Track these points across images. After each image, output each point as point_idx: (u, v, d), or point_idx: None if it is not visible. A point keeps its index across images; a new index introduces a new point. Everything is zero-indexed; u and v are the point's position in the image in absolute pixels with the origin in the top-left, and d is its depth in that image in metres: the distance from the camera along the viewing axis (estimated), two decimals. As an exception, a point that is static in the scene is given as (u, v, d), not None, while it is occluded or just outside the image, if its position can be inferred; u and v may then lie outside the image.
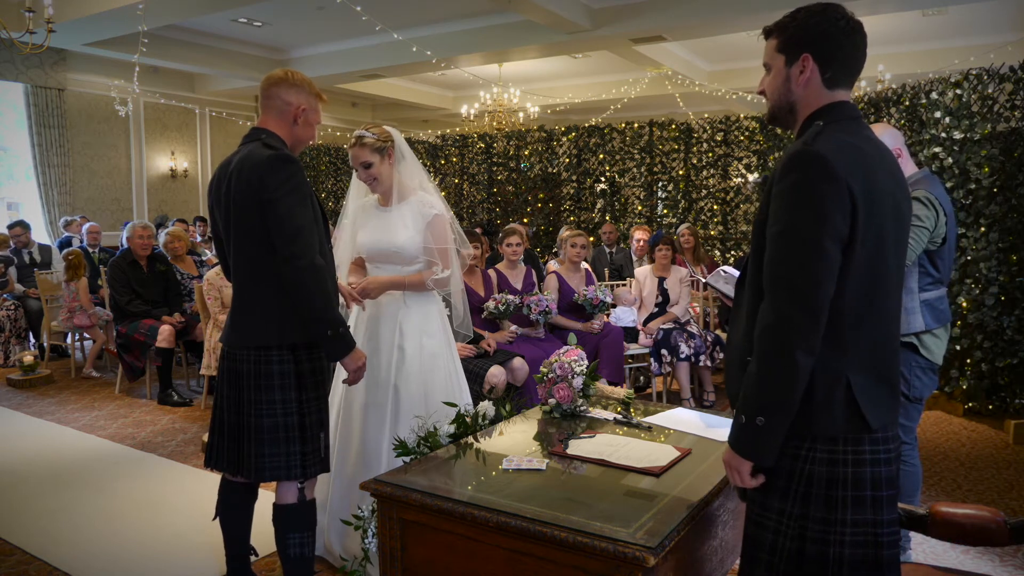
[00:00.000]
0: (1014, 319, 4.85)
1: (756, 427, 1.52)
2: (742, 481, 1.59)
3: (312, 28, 9.72)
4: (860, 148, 1.54)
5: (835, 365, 1.52)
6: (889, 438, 1.58)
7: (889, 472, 1.57)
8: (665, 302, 5.55)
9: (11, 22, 6.38)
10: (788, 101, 1.64)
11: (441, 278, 2.84)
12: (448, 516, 1.76)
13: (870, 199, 1.50)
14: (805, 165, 1.49)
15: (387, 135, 2.85)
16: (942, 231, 2.77)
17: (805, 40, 1.58)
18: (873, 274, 1.53)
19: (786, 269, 1.49)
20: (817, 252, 1.46)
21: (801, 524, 1.56)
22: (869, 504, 1.54)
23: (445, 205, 2.96)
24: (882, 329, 1.58)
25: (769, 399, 1.50)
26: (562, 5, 7.75)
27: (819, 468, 1.54)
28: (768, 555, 1.60)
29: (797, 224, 1.48)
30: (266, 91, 2.39)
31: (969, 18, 8.65)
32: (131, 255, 5.74)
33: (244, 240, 2.31)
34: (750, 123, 8.14)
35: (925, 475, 3.93)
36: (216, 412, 2.45)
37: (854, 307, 1.52)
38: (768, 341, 1.50)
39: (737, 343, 1.66)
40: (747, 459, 1.56)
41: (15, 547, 3.17)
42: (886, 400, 1.57)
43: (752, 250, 1.65)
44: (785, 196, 1.51)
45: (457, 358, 3.02)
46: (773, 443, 1.53)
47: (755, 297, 1.59)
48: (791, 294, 1.48)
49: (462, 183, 10.14)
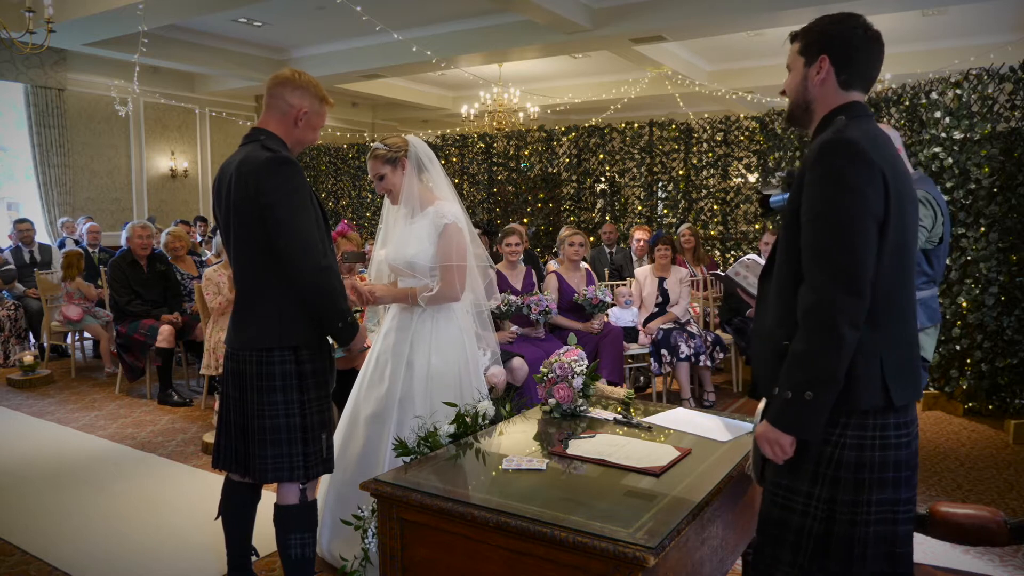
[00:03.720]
0: (1014, 319, 4.85)
1: (804, 402, 1.58)
2: (783, 454, 1.64)
3: (312, 28, 9.72)
4: (879, 138, 1.64)
5: (871, 342, 1.59)
6: (911, 421, 1.67)
7: (909, 453, 1.65)
8: (665, 302, 5.55)
9: (11, 22, 6.37)
10: (805, 100, 1.75)
11: (433, 295, 2.72)
12: (448, 516, 1.75)
13: (896, 184, 1.59)
14: (839, 151, 1.58)
15: (400, 145, 2.78)
16: (939, 231, 2.81)
17: (824, 43, 1.71)
18: (902, 255, 1.62)
19: (827, 250, 1.57)
20: (857, 230, 1.54)
21: (830, 507, 1.63)
22: (891, 484, 1.62)
23: (463, 214, 2.82)
24: (909, 309, 1.67)
25: (818, 374, 1.56)
26: (562, 5, 7.75)
27: (849, 453, 1.62)
28: (795, 536, 1.67)
29: (836, 206, 1.56)
30: (271, 90, 2.39)
31: (969, 18, 8.66)
32: (131, 255, 5.74)
33: (244, 242, 2.32)
34: (750, 123, 8.13)
35: (925, 475, 3.93)
36: (222, 413, 2.45)
37: (887, 286, 1.60)
38: (814, 319, 1.57)
39: (768, 331, 1.72)
40: (791, 434, 1.62)
41: (15, 547, 3.17)
42: (912, 378, 1.66)
43: (782, 241, 1.71)
44: (821, 182, 1.59)
45: (475, 378, 2.83)
46: (820, 417, 1.59)
47: (790, 284, 1.65)
48: (834, 273, 1.55)
49: (462, 183, 10.13)
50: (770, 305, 1.73)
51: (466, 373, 2.80)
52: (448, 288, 2.73)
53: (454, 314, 2.82)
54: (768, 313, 1.74)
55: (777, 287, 1.71)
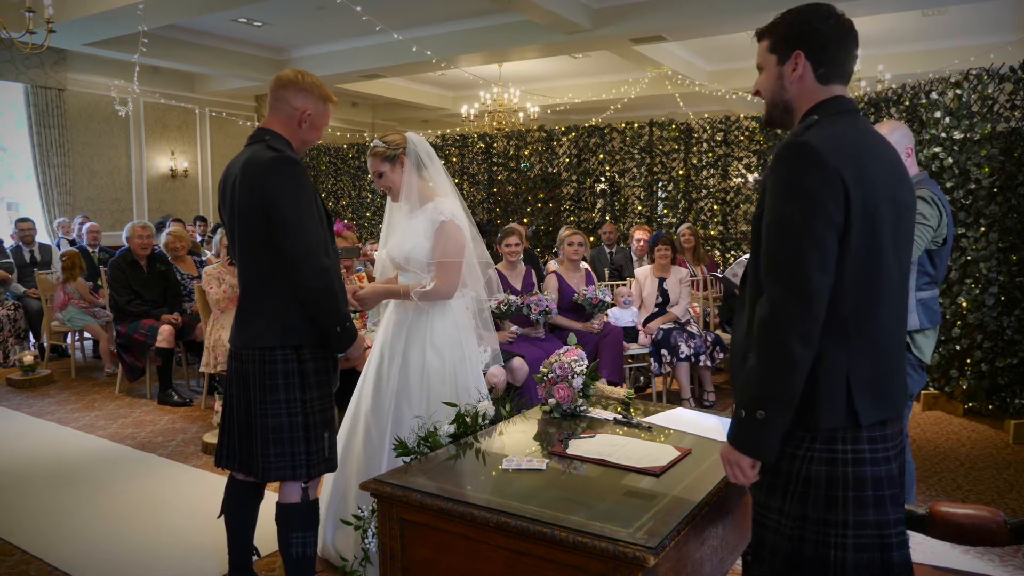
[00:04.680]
0: (1014, 319, 4.85)
1: (756, 421, 1.50)
2: (743, 477, 1.57)
3: (312, 28, 9.72)
4: (855, 139, 1.54)
5: (834, 358, 1.49)
6: (889, 435, 1.55)
7: (890, 470, 1.54)
8: (665, 302, 5.55)
9: (11, 22, 6.37)
10: (783, 99, 1.65)
11: (426, 292, 2.71)
12: (448, 516, 1.75)
13: (864, 189, 1.48)
14: (794, 155, 1.49)
15: (399, 142, 2.79)
16: (944, 231, 2.81)
17: (796, 38, 1.61)
18: (871, 265, 1.51)
19: (780, 259, 1.48)
20: (810, 240, 1.45)
21: (799, 525, 1.53)
22: (871, 504, 1.50)
23: (462, 210, 2.80)
24: (885, 322, 1.54)
25: (769, 392, 1.48)
26: (562, 5, 7.75)
27: (818, 468, 1.51)
28: (769, 555, 1.59)
29: (789, 213, 1.47)
30: (274, 92, 2.40)
31: (969, 18, 8.65)
32: (131, 255, 5.74)
33: (248, 242, 2.33)
34: (750, 123, 8.13)
35: (925, 475, 3.93)
36: (226, 412, 2.46)
37: (853, 299, 1.49)
38: (765, 333, 1.48)
39: (739, 341, 1.64)
40: (747, 455, 1.54)
41: (15, 547, 3.17)
42: (885, 394, 1.54)
43: (752, 248, 1.63)
44: (777, 187, 1.51)
45: (472, 376, 2.82)
46: (774, 438, 1.51)
47: (756, 294, 1.56)
48: (786, 284, 1.46)
49: (462, 183, 10.14)
50: (745, 315, 1.64)
51: (462, 371, 2.78)
52: (442, 285, 2.72)
53: (451, 311, 2.81)
54: (741, 324, 1.66)
55: (749, 294, 1.62)
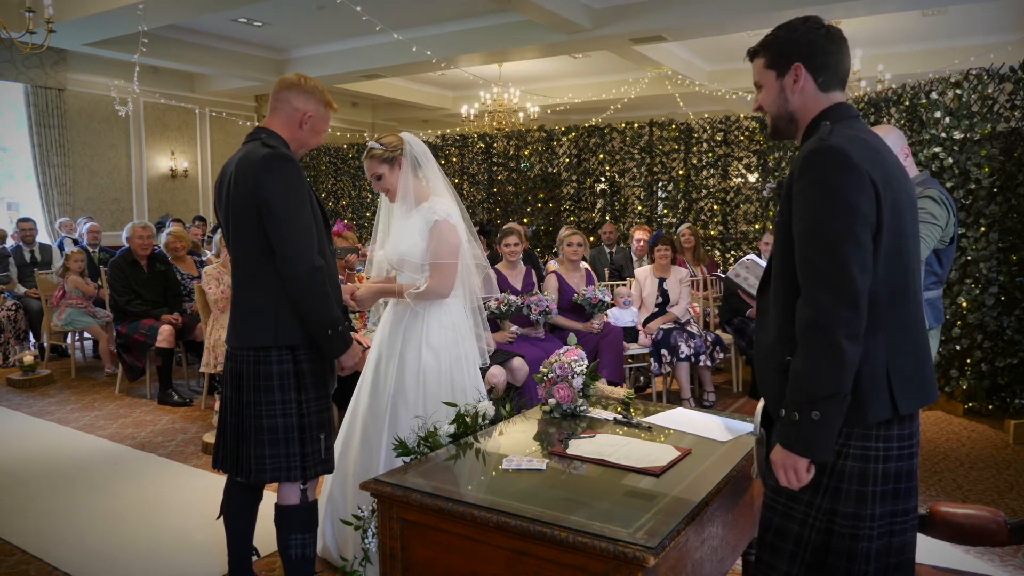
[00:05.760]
0: (1014, 319, 4.85)
1: (812, 422, 1.52)
2: (799, 480, 1.58)
3: (312, 28, 9.72)
4: (869, 142, 1.59)
5: (875, 350, 1.55)
6: (914, 432, 1.63)
7: (911, 465, 1.63)
8: (665, 302, 5.54)
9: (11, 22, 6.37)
10: (787, 111, 1.70)
11: (420, 292, 2.70)
12: (448, 516, 1.75)
13: (888, 187, 1.54)
14: (824, 159, 1.53)
15: (396, 144, 2.78)
16: (951, 230, 2.84)
17: (793, 51, 1.67)
18: (901, 260, 1.58)
19: (820, 263, 1.51)
20: (849, 242, 1.49)
21: (829, 518, 1.60)
22: (891, 496, 1.59)
23: (457, 210, 2.80)
24: (913, 314, 1.62)
25: (822, 391, 1.51)
26: (562, 5, 7.75)
27: (852, 464, 1.58)
28: (793, 546, 1.64)
29: (825, 217, 1.51)
30: (276, 93, 2.40)
31: (969, 18, 8.65)
32: (131, 255, 5.75)
33: (242, 239, 2.32)
34: (750, 123, 8.13)
35: (925, 475, 3.93)
36: (222, 413, 2.46)
37: (887, 292, 1.56)
38: (812, 335, 1.51)
39: (769, 347, 1.66)
40: (803, 456, 1.56)
41: (15, 547, 3.17)
42: (920, 385, 1.62)
43: (776, 253, 1.66)
44: (808, 192, 1.54)
45: (469, 376, 2.81)
46: (829, 437, 1.55)
47: (788, 298, 1.59)
48: (832, 288, 1.49)
49: (462, 183, 10.13)
50: (770, 320, 1.68)
51: (459, 370, 2.77)
52: (436, 285, 2.71)
53: (447, 310, 2.80)
54: (768, 329, 1.69)
55: (775, 300, 1.66)
